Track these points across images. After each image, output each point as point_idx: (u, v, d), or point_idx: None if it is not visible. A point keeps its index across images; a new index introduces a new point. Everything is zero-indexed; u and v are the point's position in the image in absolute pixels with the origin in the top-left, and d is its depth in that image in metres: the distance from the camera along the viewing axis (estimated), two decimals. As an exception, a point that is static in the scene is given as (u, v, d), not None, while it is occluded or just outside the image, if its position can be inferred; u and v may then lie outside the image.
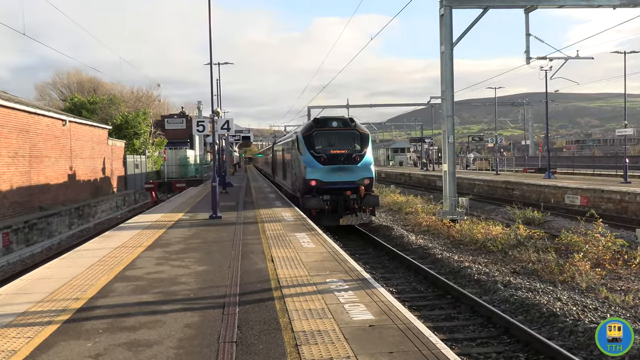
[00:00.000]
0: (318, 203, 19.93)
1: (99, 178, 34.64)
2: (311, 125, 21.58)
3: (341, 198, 20.24)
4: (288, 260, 10.33)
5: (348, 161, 20.44)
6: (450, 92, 19.69)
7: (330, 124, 21.38)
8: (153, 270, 9.69)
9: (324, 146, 20.89)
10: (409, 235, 18.80)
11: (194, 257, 10.93)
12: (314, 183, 20.13)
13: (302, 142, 21.06)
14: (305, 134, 21.26)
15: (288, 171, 25.76)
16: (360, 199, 20.23)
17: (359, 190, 20.21)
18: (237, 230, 14.79)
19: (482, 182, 36.52)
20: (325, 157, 20.44)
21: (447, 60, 19.57)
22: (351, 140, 20.96)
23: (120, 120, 45.49)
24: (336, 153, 20.57)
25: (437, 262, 14.61)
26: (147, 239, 13.46)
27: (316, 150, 20.69)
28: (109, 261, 10.61)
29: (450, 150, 19.91)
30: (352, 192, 20.27)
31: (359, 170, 20.36)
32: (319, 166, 20.27)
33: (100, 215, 30.36)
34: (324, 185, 20.14)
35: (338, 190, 20.25)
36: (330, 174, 20.20)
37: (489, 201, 30.89)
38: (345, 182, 20.25)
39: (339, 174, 20.26)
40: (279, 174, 32.06)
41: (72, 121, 30.40)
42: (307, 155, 20.67)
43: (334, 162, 20.37)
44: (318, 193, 20.17)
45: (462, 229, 18.02)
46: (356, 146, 20.86)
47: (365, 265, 14.47)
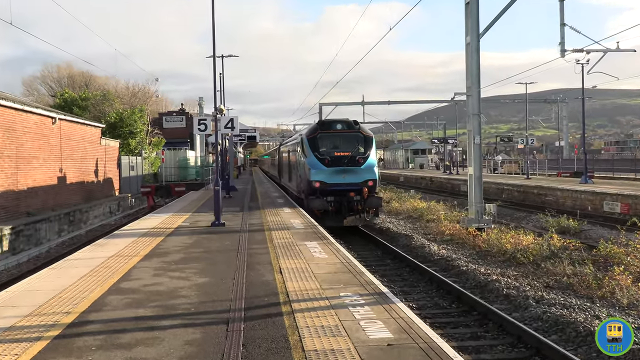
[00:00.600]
0: (322, 204, 22.01)
1: (92, 181, 34.85)
2: (315, 128, 24.04)
3: (345, 199, 22.29)
4: (298, 271, 10.33)
5: (352, 163, 22.66)
6: (477, 87, 19.63)
7: (334, 127, 23.66)
8: (150, 282, 9.73)
9: (328, 148, 23.15)
10: (430, 245, 18.75)
11: (195, 267, 10.97)
12: (318, 185, 22.30)
13: (307, 144, 23.33)
14: (309, 136, 23.58)
15: (293, 173, 28.19)
16: (364, 200, 22.24)
17: (362, 191, 22.24)
18: (242, 238, 14.82)
19: (511, 187, 36.35)
20: (329, 159, 22.68)
21: (473, 53, 19.51)
22: (355, 142, 23.21)
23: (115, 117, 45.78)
24: (340, 155, 22.84)
25: (461, 275, 14.55)
26: (144, 247, 13.52)
27: (320, 153, 22.94)
28: (102, 272, 10.66)
29: (476, 151, 19.84)
30: (355, 194, 22.28)
31: (362, 172, 22.51)
32: (323, 168, 22.52)
33: (93, 221, 30.54)
34: (327, 186, 22.27)
35: (342, 192, 22.30)
36: (334, 176, 22.39)
37: (519, 208, 30.74)
38: (348, 183, 22.36)
39: (343, 175, 22.42)
40: (285, 176, 34.63)
41: (63, 119, 30.63)
42: (311, 157, 22.96)
43: (338, 164, 22.59)
44: (322, 194, 22.23)
45: (490, 239, 17.94)
46: (360, 148, 23.08)
47: (383, 278, 14.42)
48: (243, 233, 15.87)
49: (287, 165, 32.97)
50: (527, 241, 17.04)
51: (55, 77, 73.03)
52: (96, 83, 71.02)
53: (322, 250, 12.63)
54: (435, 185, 50.35)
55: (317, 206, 22.06)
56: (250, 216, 20.40)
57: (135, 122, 46.15)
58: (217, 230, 16.70)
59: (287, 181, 33.15)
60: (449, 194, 42.13)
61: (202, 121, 18.74)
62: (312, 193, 22.50)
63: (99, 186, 36.17)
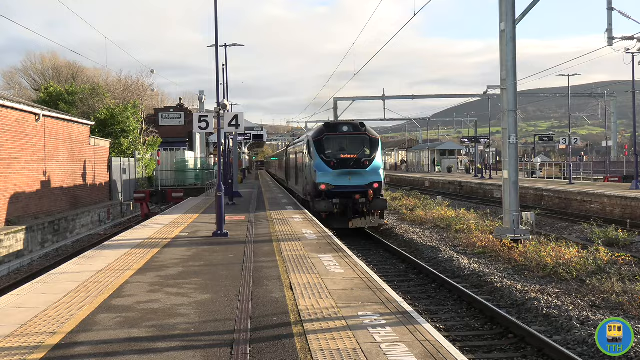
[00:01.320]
0: (327, 206, 24.58)
1: (79, 185, 35.08)
2: (322, 130, 26.84)
3: (350, 201, 24.84)
4: (310, 288, 10.35)
5: (357, 165, 25.28)
6: (512, 80, 19.57)
7: (340, 129, 26.52)
8: (145, 299, 9.78)
9: (334, 150, 25.83)
10: (460, 258, 18.70)
11: (194, 283, 11.01)
12: (323, 187, 24.84)
13: (313, 146, 26.00)
14: (315, 138, 26.30)
15: (299, 175, 31.36)
16: (369, 202, 24.81)
17: (368, 194, 24.75)
18: (248, 250, 14.86)
19: (551, 193, 36.18)
20: (335, 161, 25.36)
21: (508, 41, 19.46)
22: (361, 144, 25.95)
23: (105, 114, 46.02)
24: (346, 157, 25.48)
25: (495, 292, 14.50)
26: (138, 260, 13.60)
27: (326, 155, 25.59)
28: (91, 287, 10.73)
29: (511, 152, 19.78)
30: (361, 196, 24.80)
31: (367, 174, 25.15)
32: (329, 170, 25.17)
33: (80, 230, 30.74)
34: (333, 188, 24.86)
35: (347, 194, 24.87)
36: (340, 178, 25.01)
37: (561, 217, 30.59)
38: (354, 186, 24.93)
39: (349, 178, 25.04)
40: (292, 179, 37.74)
41: (47, 115, 30.87)
42: (317, 159, 25.59)
43: (344, 167, 25.24)
44: (327, 196, 24.81)
45: (527, 251, 17.86)
46: (366, 151, 25.78)
47: (406, 295, 14.42)
48: (248, 244, 15.91)
49: (293, 167, 36.00)
50: (570, 254, 16.94)
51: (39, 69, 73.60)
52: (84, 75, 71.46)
53: (338, 264, 12.65)
54: (465, 190, 50.20)
55: (323, 208, 24.50)
56: (256, 225, 20.45)
57: (128, 119, 46.34)
58: (219, 241, 16.75)
59: (294, 184, 36.27)
60: (481, 200, 41.98)
61: (203, 118, 18.82)
62: (318, 195, 24.94)
63: (87, 191, 36.40)
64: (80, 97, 52.59)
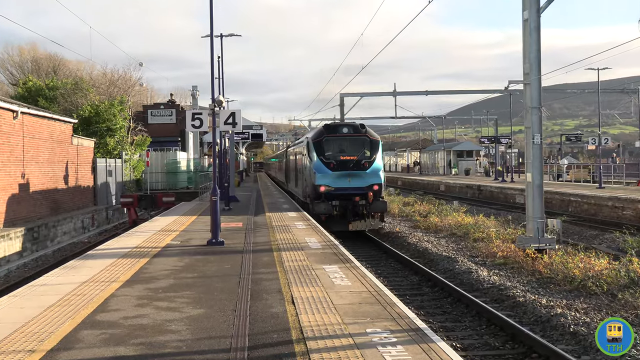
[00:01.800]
0: (327, 208, 26.50)
1: (61, 189, 35.14)
2: (321, 131, 28.92)
3: (350, 203, 26.74)
4: (314, 302, 10.35)
5: (357, 167, 27.19)
6: (536, 74, 19.56)
7: (340, 130, 28.68)
8: (133, 314, 9.79)
9: (334, 152, 27.75)
10: (478, 269, 18.69)
11: (187, 296, 11.02)
12: (323, 189, 26.77)
13: (312, 148, 27.94)
14: (315, 140, 28.27)
15: (299, 177, 33.67)
16: (369, 204, 26.64)
17: (368, 196, 26.63)
18: (246, 260, 14.86)
19: (579, 199, 36.12)
20: (334, 163, 27.21)
21: (531, 31, 19.45)
22: (361, 146, 27.93)
23: (89, 111, 46.13)
24: (345, 159, 27.39)
25: (517, 307, 14.49)
26: (125, 271, 13.61)
27: (326, 157, 27.45)
28: (74, 300, 10.75)
29: (535, 153, 19.75)
30: (360, 198, 26.67)
31: (367, 176, 27.07)
32: (329, 172, 27.04)
33: (62, 238, 30.80)
34: (333, 190, 26.76)
35: (347, 196, 26.76)
36: (339, 180, 26.90)
37: (590, 224, 30.53)
38: (354, 188, 26.84)
39: (348, 179, 26.93)
40: (292, 182, 39.98)
41: (26, 113, 30.94)
42: (316, 161, 27.51)
43: (343, 168, 27.14)
44: (327, 199, 26.71)
45: (553, 262, 17.83)
46: (366, 152, 27.76)
47: (420, 311, 14.41)
48: (246, 254, 15.91)
49: (293, 170, 38.39)
50: (600, 266, 16.91)
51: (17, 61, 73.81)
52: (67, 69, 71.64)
53: (344, 276, 12.64)
54: (485, 195, 50.14)
55: (322, 210, 26.45)
56: (255, 233, 20.45)
57: (114, 116, 46.45)
58: (214, 250, 16.76)
59: (293, 186, 38.68)
60: (502, 206, 41.93)
61: (197, 116, 18.83)
62: (317, 197, 26.90)
63: (69, 195, 36.46)
64: (62, 92, 52.72)
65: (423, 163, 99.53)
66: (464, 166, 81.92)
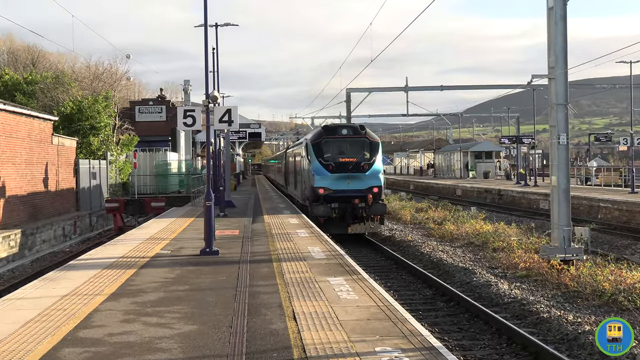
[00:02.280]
0: (326, 211, 28.17)
1: (40, 193, 35.17)
2: (320, 133, 30.89)
3: (349, 206, 28.46)
4: (318, 317, 10.34)
5: (357, 169, 29.04)
6: (563, 68, 19.54)
7: (339, 132, 30.61)
8: (118, 331, 9.78)
9: (333, 154, 29.65)
10: (498, 282, 18.66)
11: (178, 311, 11.01)
12: (322, 191, 28.51)
13: (311, 150, 29.78)
14: (314, 141, 30.13)
15: (298, 179, 35.99)
16: (368, 207, 28.41)
17: (367, 198, 28.39)
18: (242, 272, 14.86)
19: (610, 205, 36.06)
20: (333, 165, 29.05)
21: (557, 21, 19.44)
22: (361, 148, 29.84)
23: (71, 108, 46.14)
24: (345, 161, 29.24)
25: (541, 324, 14.46)
26: (110, 283, 13.61)
27: (325, 158, 29.28)
28: (54, 315, 10.74)
29: (561, 155, 19.73)
30: (360, 201, 28.44)
31: (367, 178, 28.91)
32: (327, 174, 28.85)
33: (41, 247, 30.81)
34: (332, 193, 28.51)
35: (346, 199, 28.53)
36: (339, 182, 28.68)
37: (621, 233, 30.48)
38: (353, 190, 28.63)
39: (347, 182, 28.73)
40: (291, 184, 42.16)
41: (1, 109, 30.97)
42: (315, 163, 29.27)
43: (343, 170, 28.96)
44: (326, 201, 28.41)
45: (580, 275, 17.78)
46: (365, 154, 29.60)
47: (434, 328, 14.38)
48: (243, 265, 15.90)
49: (292, 172, 40.68)
50: (634, 279, 16.87)
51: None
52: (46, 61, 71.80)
53: (351, 289, 12.63)
54: (505, 201, 50.09)
55: (321, 213, 28.16)
56: (253, 242, 20.45)
57: (98, 113, 46.44)
58: (208, 260, 16.75)
59: (292, 189, 40.98)
60: (524, 212, 41.89)
61: (189, 113, 18.83)
62: (316, 199, 28.65)
63: (49, 200, 36.48)
64: (42, 87, 52.79)
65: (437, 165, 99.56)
66: (482, 169, 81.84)
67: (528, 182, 56.66)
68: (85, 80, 58.36)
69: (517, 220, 35.84)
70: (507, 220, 34.59)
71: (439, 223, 32.82)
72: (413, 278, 21.07)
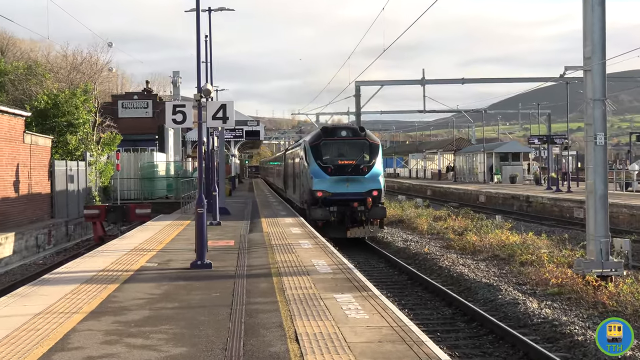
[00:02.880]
0: (324, 214, 30.36)
1: (9, 198, 35.21)
2: (319, 134, 33.27)
3: (348, 209, 30.72)
4: (323, 339, 10.33)
5: (356, 172, 31.32)
6: (600, 58, 19.53)
7: (339, 134, 33.02)
8: (98, 353, 9.79)
9: (332, 156, 32.01)
10: (527, 300, 18.64)
11: (166, 331, 11.01)
12: (320, 194, 30.69)
13: (310, 152, 32.07)
14: (312, 143, 32.51)
15: (296, 183, 38.45)
16: (368, 210, 30.64)
17: (367, 201, 30.61)
18: (238, 287, 14.86)
19: (653, 213, 35.99)
20: (332, 167, 31.39)
21: (594, 6, 19.43)
22: (360, 150, 32.23)
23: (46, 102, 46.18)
24: (344, 164, 31.57)
25: (575, 348, 14.45)
26: (89, 300, 13.61)
27: (323, 161, 31.63)
28: (25, 337, 10.74)
29: (598, 157, 19.71)
30: (359, 204, 30.62)
31: (366, 181, 31.18)
32: (326, 177, 31.14)
33: (10, 259, 30.83)
34: (330, 196, 30.77)
35: (345, 202, 30.78)
36: (337, 185, 30.96)
37: (666, 245, 30.42)
38: (352, 193, 30.84)
39: (346, 185, 30.92)
40: (290, 188, 44.65)
41: (-32, 104, 31.00)
42: (314, 165, 31.61)
43: (342, 173, 31.30)
44: (324, 204, 30.68)
45: (620, 292, 17.76)
46: (365, 156, 31.97)
47: (454, 351, 14.38)
48: (239, 279, 15.90)
49: (291, 175, 43.20)
50: (679, 297, 16.85)
51: (-44, 41, 74.11)
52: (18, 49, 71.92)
53: (360, 307, 12.62)
54: (535, 208, 50.01)
55: (319, 216, 30.41)
56: (250, 253, 20.44)
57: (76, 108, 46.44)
58: (199, 274, 16.75)
59: (291, 193, 43.45)
60: (556, 222, 41.81)
61: (179, 109, 18.86)
62: (314, 203, 30.98)
63: (20, 206, 36.52)
64: (12, 78, 52.83)
65: (458, 168, 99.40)
66: (508, 172, 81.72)
67: (560, 188, 56.56)
68: (61, 71, 58.38)
69: (548, 230, 35.78)
70: (536, 230, 34.53)
71: (460, 233, 32.81)
72: (430, 295, 21.05)
